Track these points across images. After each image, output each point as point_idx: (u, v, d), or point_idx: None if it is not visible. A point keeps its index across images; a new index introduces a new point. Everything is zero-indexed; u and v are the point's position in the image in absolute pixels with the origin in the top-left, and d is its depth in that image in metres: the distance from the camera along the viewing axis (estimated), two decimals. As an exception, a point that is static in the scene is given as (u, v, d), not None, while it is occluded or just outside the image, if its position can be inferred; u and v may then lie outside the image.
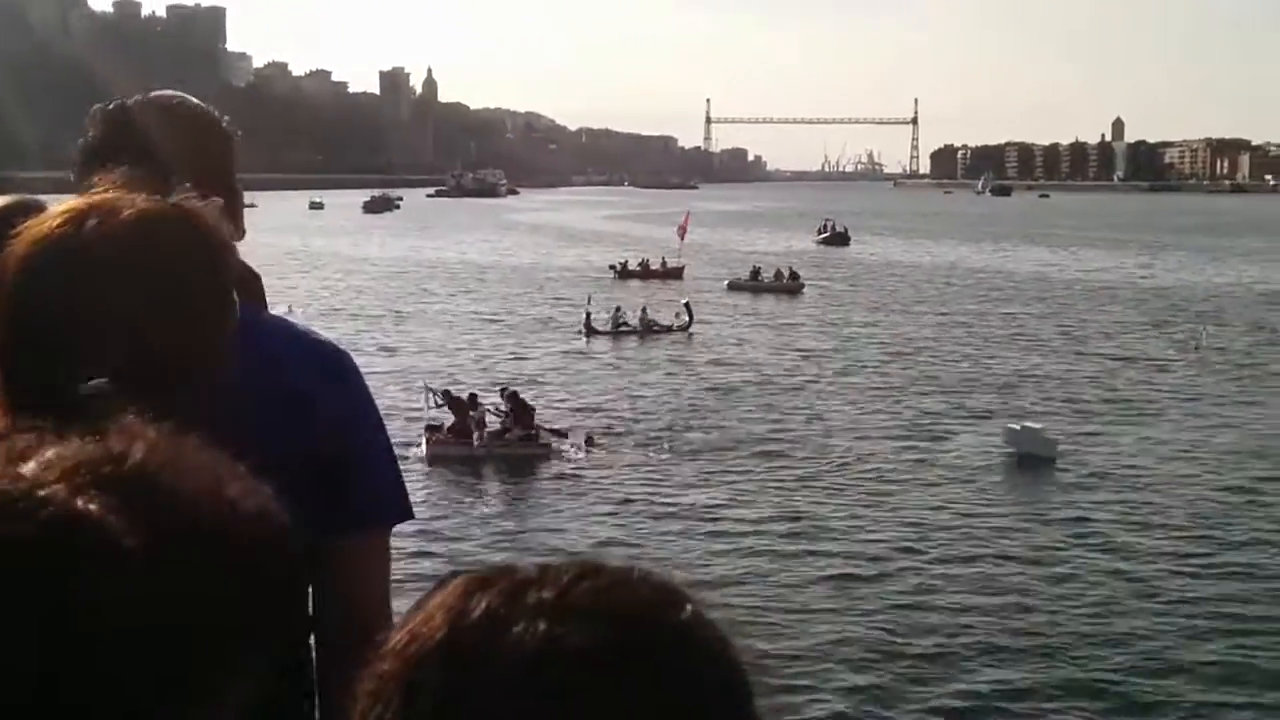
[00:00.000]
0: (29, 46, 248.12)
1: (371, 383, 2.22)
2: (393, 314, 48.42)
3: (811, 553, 18.52)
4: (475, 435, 24.39)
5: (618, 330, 42.24)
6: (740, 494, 21.88)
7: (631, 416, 28.47)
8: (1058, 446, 24.34)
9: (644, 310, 43.24)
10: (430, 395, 25.74)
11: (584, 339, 41.45)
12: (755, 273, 58.75)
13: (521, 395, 25.83)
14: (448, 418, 25.17)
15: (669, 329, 42.58)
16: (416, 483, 22.67)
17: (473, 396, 25.63)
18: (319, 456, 1.95)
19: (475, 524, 20.47)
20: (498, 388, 26.76)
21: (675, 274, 61.13)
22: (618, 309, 43.40)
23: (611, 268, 63.25)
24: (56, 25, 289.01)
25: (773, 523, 20.09)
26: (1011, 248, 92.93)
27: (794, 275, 58.13)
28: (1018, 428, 24.83)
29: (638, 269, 62.37)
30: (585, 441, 25.18)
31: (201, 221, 1.52)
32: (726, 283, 57.83)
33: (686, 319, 43.08)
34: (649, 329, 42.20)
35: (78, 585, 0.83)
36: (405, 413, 26.09)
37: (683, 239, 61.13)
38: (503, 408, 25.18)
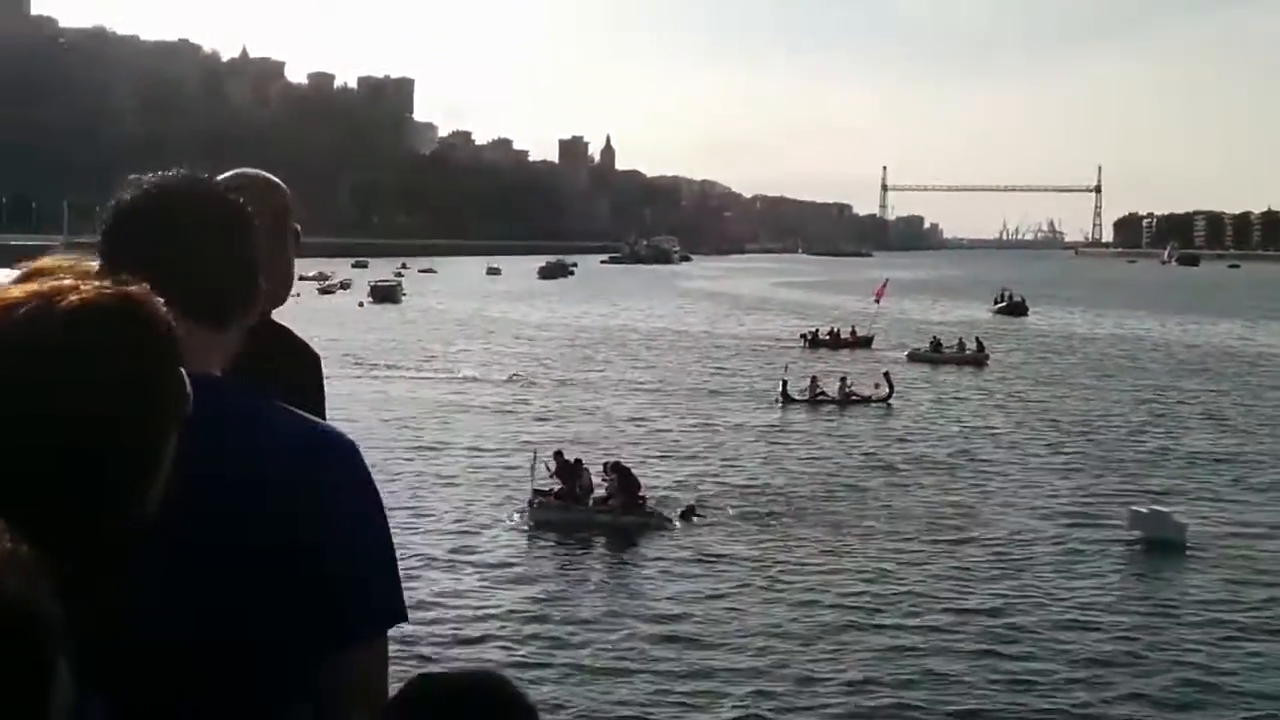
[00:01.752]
0: (226, 118, 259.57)
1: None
2: (557, 381, 48.89)
3: (900, 628, 18.16)
4: (581, 500, 24.72)
5: (815, 399, 42.07)
6: (847, 572, 21.47)
7: (775, 487, 28.25)
8: (1187, 530, 23.37)
9: (843, 380, 43.15)
10: (538, 461, 25.61)
11: (779, 408, 41.43)
12: (936, 344, 57.70)
13: (625, 465, 25.83)
14: (557, 484, 25.36)
15: (868, 400, 42.20)
16: (516, 545, 23.29)
17: (578, 462, 25.74)
18: (295, 555, 1.84)
19: (568, 588, 20.60)
20: (605, 461, 26.51)
21: (865, 343, 60.95)
22: (814, 379, 43.37)
23: (802, 336, 63.44)
24: (254, 97, 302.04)
25: (867, 599, 19.78)
26: (1196, 320, 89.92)
27: (980, 346, 56.99)
28: (1145, 511, 23.91)
29: (827, 338, 62.26)
30: (681, 515, 24.96)
31: (143, 310, 1.42)
32: (907, 353, 56.99)
33: (886, 390, 42.61)
34: (848, 399, 41.98)
35: None
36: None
37: (879, 302, 60.92)
38: (607, 477, 25.21)
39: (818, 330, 63.89)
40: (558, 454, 25.96)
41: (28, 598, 0.95)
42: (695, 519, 24.93)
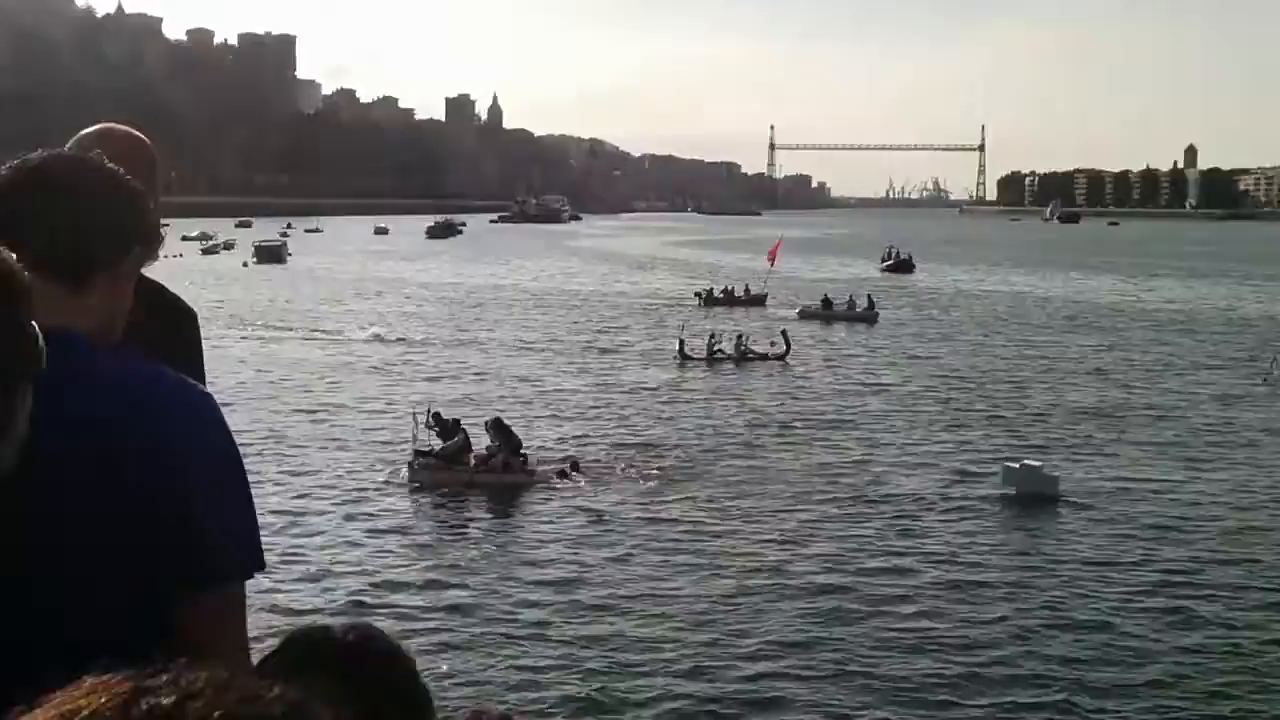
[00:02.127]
0: (104, 76, 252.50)
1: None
2: (447, 341, 48.36)
3: (785, 585, 18.15)
4: (466, 460, 24.51)
5: (713, 357, 42.16)
6: (721, 524, 21.49)
7: (668, 444, 28.18)
8: (1059, 484, 23.69)
9: (739, 337, 43.18)
10: (419, 419, 25.38)
11: (678, 365, 41.53)
12: (826, 301, 58.11)
13: (505, 422, 25.59)
14: (437, 442, 25.17)
15: (765, 357, 42.42)
16: (401, 506, 23.01)
17: (457, 421, 25.48)
18: (145, 514, 1.90)
19: (452, 548, 20.43)
20: (485, 419, 26.14)
21: (759, 301, 61.56)
22: (712, 335, 43.49)
23: (697, 294, 63.72)
24: (131, 54, 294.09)
25: (747, 552, 19.83)
26: (1078, 276, 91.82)
27: (871, 304, 57.39)
28: (1017, 466, 24.11)
29: (722, 296, 62.75)
30: (558, 473, 24.89)
31: None
32: (798, 311, 57.28)
33: (784, 347, 42.99)
34: (744, 356, 42.13)
35: None
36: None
37: (772, 264, 61.19)
38: (489, 436, 25.04)
39: (713, 288, 64.25)
40: (436, 414, 25.70)
41: None
42: (577, 476, 24.80)
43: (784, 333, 44.14)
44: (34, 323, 1.52)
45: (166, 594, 1.92)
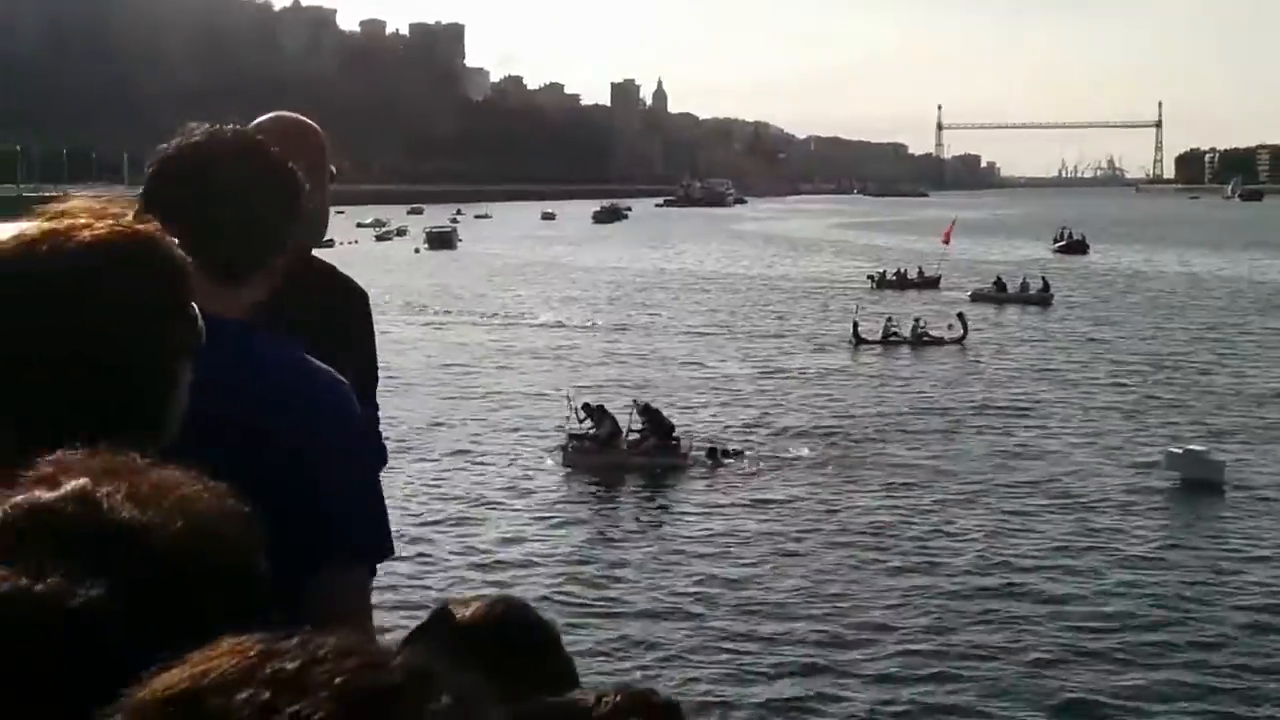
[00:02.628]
0: (280, 68, 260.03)
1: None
2: (614, 324, 48.68)
3: (936, 570, 18.02)
4: (616, 443, 24.82)
5: (888, 341, 41.51)
6: (877, 513, 21.20)
7: (825, 430, 27.91)
8: (1224, 470, 22.91)
9: (916, 321, 42.39)
10: (573, 407, 25.66)
11: (852, 349, 41.09)
12: (1000, 283, 56.57)
13: (654, 407, 25.83)
14: (593, 428, 25.36)
15: (941, 341, 41.46)
16: (555, 488, 23.38)
17: (602, 407, 25.72)
18: (278, 490, 1.88)
19: (603, 529, 20.67)
20: (634, 402, 26.41)
21: (933, 283, 60.17)
22: (889, 319, 42.77)
23: (869, 277, 62.72)
24: (307, 46, 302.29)
25: (904, 538, 19.70)
26: (1261, 257, 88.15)
27: (1046, 285, 55.80)
28: (1180, 451, 23.53)
29: (894, 278, 61.51)
30: (708, 454, 25.00)
31: (150, 246, 1.51)
32: (970, 293, 55.81)
33: (961, 330, 41.91)
34: (920, 340, 41.30)
35: None
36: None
37: (947, 244, 59.90)
38: (639, 420, 25.34)
39: (885, 271, 63.14)
40: (585, 404, 25.96)
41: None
42: (731, 461, 24.85)
43: (961, 316, 43.10)
44: (194, 304, 1.58)
45: (292, 566, 1.96)
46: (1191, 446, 24.04)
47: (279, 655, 0.77)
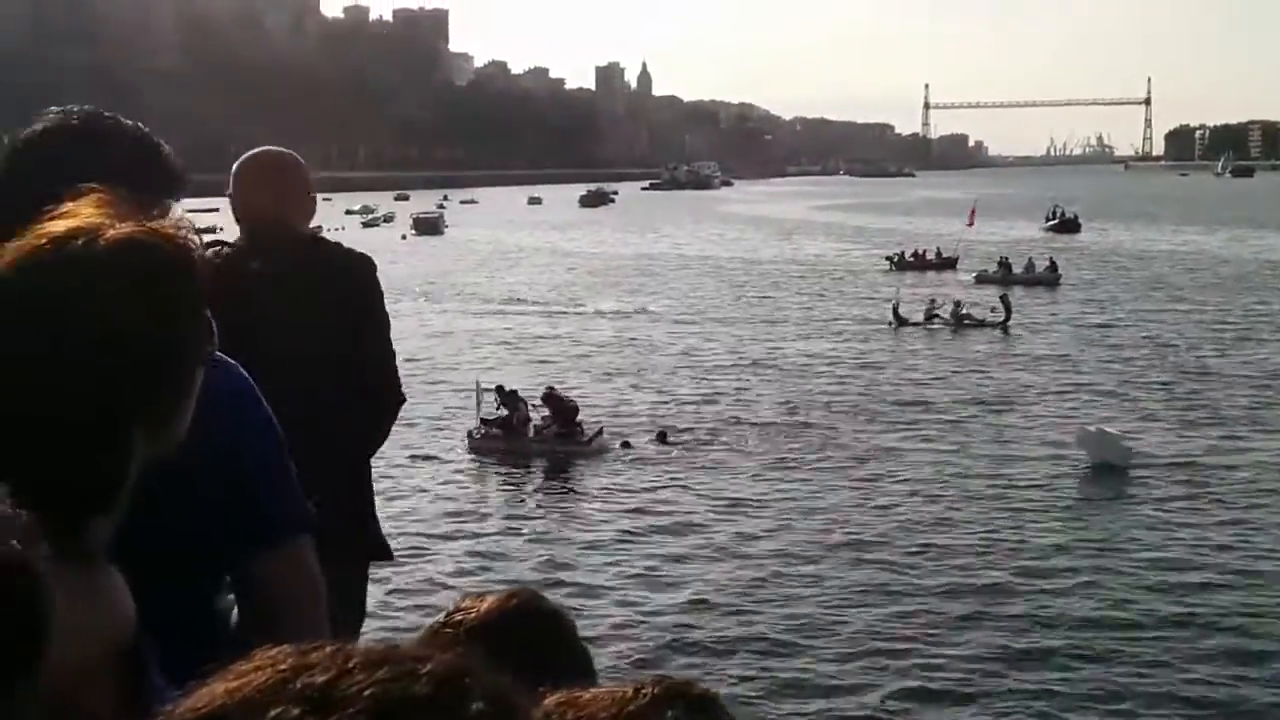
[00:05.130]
0: (264, 53, 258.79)
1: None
2: (603, 310, 48.31)
3: (849, 555, 18.05)
4: (523, 430, 24.91)
5: (929, 322, 41.27)
6: (804, 494, 21.33)
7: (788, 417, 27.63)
8: (1131, 455, 22.64)
9: (958, 303, 41.98)
10: (483, 392, 25.54)
11: (892, 330, 40.94)
12: (1005, 264, 55.54)
13: (557, 391, 25.74)
14: (503, 413, 25.44)
15: (983, 323, 40.87)
16: (459, 476, 23.39)
17: (515, 393, 25.64)
18: (217, 481, 2.05)
19: (505, 517, 20.74)
20: (542, 389, 26.34)
21: (950, 264, 59.84)
22: (933, 300, 42.62)
23: (888, 259, 62.39)
24: (291, 31, 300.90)
25: (810, 522, 19.73)
26: (1251, 233, 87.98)
27: (1053, 266, 55.31)
28: (1092, 430, 23.38)
29: (913, 260, 61.32)
30: (620, 445, 24.84)
31: (181, 245, 1.51)
32: (975, 275, 54.92)
33: (1004, 313, 41.14)
34: (961, 322, 40.86)
35: None
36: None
37: (971, 225, 59.37)
38: (540, 406, 25.28)
39: (904, 251, 62.68)
40: (499, 388, 25.86)
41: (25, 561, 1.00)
42: (671, 447, 24.79)
43: (1004, 298, 41.99)
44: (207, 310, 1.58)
45: (232, 554, 2.11)
46: (1105, 428, 23.84)
47: (310, 669, 0.76)
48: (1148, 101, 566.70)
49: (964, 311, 41.30)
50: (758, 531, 19.22)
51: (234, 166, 4.03)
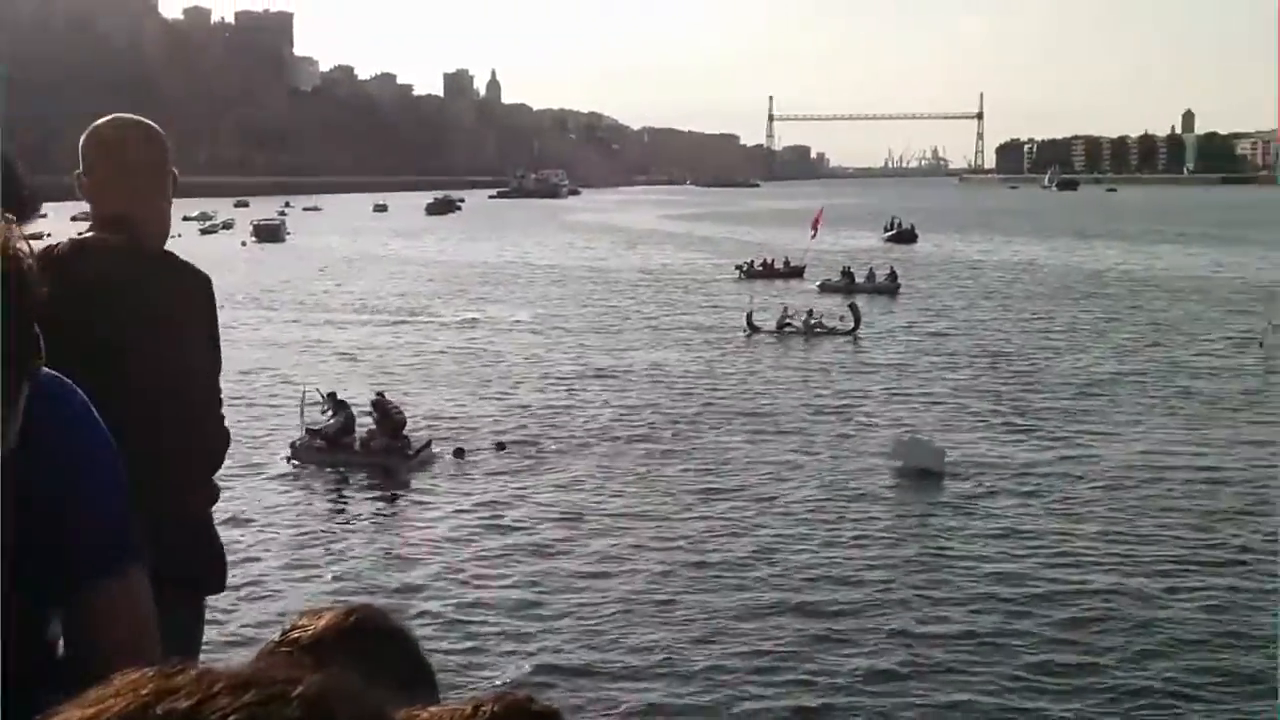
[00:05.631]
0: (101, 57, 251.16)
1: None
2: (446, 320, 47.79)
3: (685, 565, 17.92)
4: (348, 440, 24.12)
5: (782, 329, 41.47)
6: (608, 501, 21.35)
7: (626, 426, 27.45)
8: (944, 459, 23.05)
9: (810, 311, 42.24)
10: (309, 401, 24.79)
11: (746, 337, 41.23)
12: (847, 273, 56.10)
13: (388, 400, 24.90)
14: (332, 421, 24.66)
15: (832, 331, 41.20)
16: (281, 486, 22.69)
17: (343, 402, 24.91)
18: (54, 503, 1.96)
19: (326, 530, 20.19)
20: (375, 392, 25.63)
21: (797, 273, 60.27)
22: (785, 308, 42.80)
23: (738, 267, 62.84)
24: (128, 33, 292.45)
25: (630, 527, 19.72)
26: (1076, 244, 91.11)
27: (894, 275, 56.32)
28: (905, 439, 23.97)
29: (762, 269, 61.83)
30: (454, 453, 24.50)
31: (11, 256, 1.48)
32: (819, 284, 55.24)
33: (853, 322, 41.59)
34: (812, 330, 41.13)
35: None
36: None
37: (814, 236, 58.23)
38: (371, 414, 24.52)
39: (752, 261, 63.19)
40: (331, 394, 25.13)
41: None
42: (502, 454, 24.56)
43: (853, 306, 42.60)
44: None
45: (66, 582, 1.99)
46: (917, 434, 24.30)
47: (173, 693, 0.74)
48: (980, 116, 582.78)
49: (815, 320, 41.66)
50: (592, 541, 19.05)
51: (82, 139, 3.47)
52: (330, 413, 24.65)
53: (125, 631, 2.02)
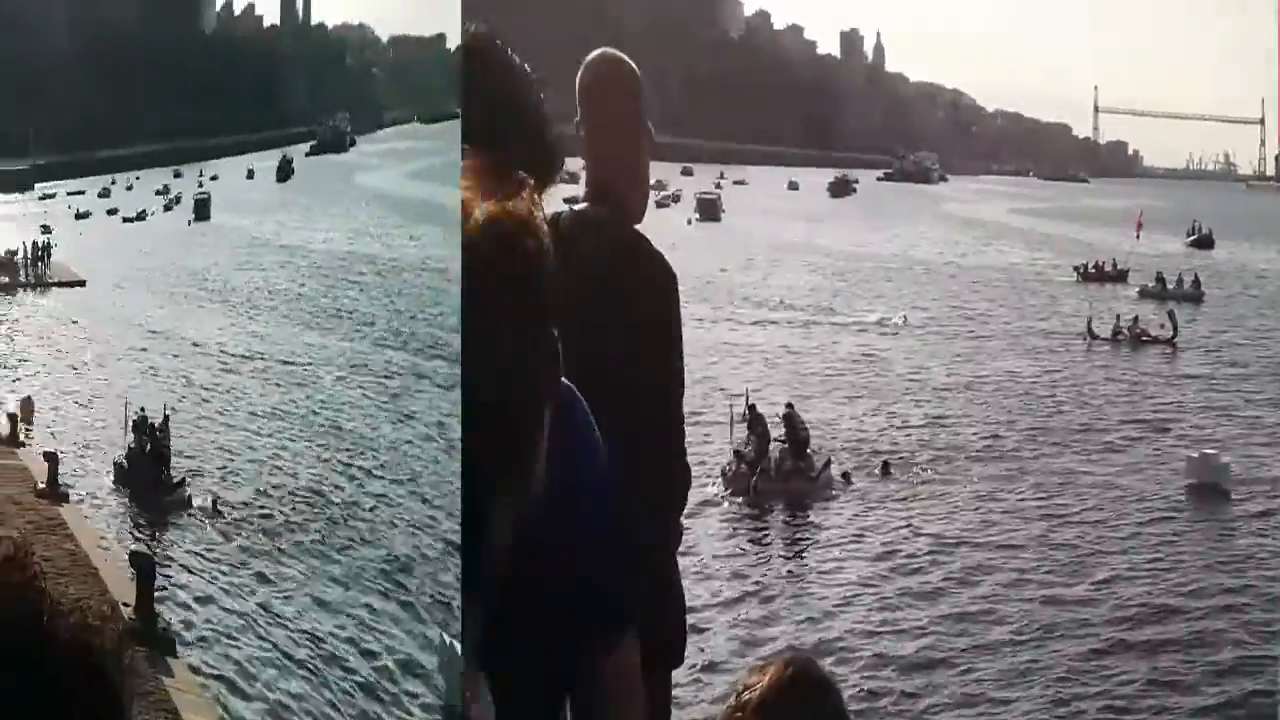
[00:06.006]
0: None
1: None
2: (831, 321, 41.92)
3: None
4: (767, 466, 20.35)
5: (1115, 338, 36.63)
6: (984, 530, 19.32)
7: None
8: (1231, 475, 20.89)
9: (1135, 319, 37.18)
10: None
11: (1086, 346, 36.84)
12: (1160, 279, 48.46)
13: (796, 415, 21.23)
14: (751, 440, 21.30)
15: (1155, 340, 36.34)
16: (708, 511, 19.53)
17: (759, 415, 21.31)
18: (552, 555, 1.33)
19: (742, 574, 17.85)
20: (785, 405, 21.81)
21: (1122, 276, 51.84)
22: (1119, 316, 37.80)
23: (1076, 269, 54.95)
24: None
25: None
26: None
27: (1197, 283, 48.75)
28: (1195, 456, 21.76)
29: (1094, 271, 53.68)
30: (842, 476, 21.34)
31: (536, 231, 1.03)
32: (1138, 289, 48.28)
33: (1171, 331, 36.42)
34: (1137, 339, 36.36)
35: None
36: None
37: (1138, 237, 52.37)
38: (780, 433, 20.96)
39: (1087, 264, 54.87)
40: (752, 406, 21.77)
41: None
42: (854, 480, 21.57)
43: (1171, 314, 37.58)
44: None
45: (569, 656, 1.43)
46: (1206, 451, 22.20)
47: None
48: (1261, 122, 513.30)
49: (1140, 329, 36.91)
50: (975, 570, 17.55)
51: (581, 74, 2.45)
52: (748, 424, 21.23)
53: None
